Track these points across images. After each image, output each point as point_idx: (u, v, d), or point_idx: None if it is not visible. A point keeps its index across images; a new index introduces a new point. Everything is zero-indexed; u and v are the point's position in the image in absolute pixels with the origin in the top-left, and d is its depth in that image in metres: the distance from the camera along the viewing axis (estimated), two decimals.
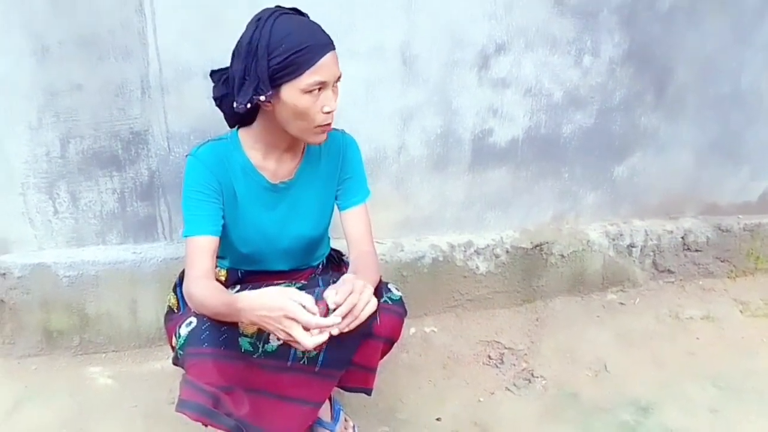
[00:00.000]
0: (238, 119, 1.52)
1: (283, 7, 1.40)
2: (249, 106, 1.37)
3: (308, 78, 1.33)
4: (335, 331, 1.28)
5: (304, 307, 1.26)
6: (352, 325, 1.30)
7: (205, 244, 1.46)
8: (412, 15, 2.01)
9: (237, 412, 1.40)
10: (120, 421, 1.87)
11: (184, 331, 1.42)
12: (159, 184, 2.01)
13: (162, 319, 2.04)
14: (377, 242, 2.28)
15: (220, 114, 1.60)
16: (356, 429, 1.84)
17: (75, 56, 1.80)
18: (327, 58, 1.35)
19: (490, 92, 2.21)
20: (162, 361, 2.10)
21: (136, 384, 2.01)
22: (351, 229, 1.63)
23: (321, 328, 1.26)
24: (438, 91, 2.15)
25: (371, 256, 1.60)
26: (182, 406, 1.35)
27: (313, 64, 1.33)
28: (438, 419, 1.94)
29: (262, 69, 1.33)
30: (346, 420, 1.84)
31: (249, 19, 1.40)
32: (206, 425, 1.38)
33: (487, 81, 2.19)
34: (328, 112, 1.39)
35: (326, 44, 1.36)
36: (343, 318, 1.28)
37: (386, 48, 2.03)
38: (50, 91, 1.83)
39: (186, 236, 1.47)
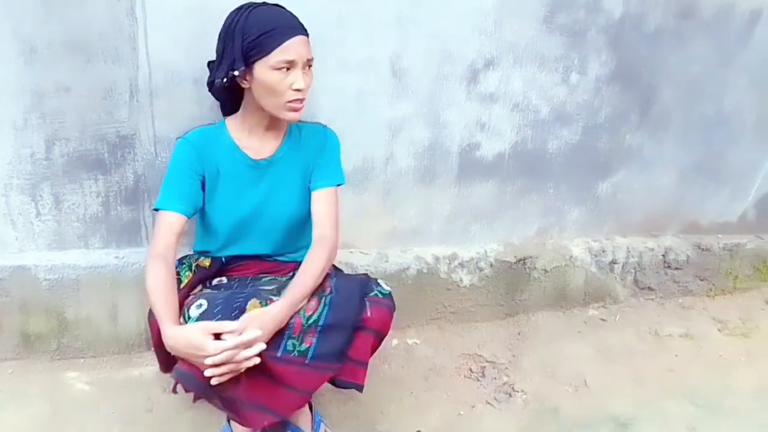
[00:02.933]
0: (229, 105, 1.67)
1: (268, 3, 1.56)
2: (225, 80, 1.54)
3: (277, 56, 1.49)
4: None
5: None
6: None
7: (172, 221, 1.59)
8: (403, 28, 2.02)
9: (233, 390, 1.46)
10: (96, 427, 1.84)
11: (194, 312, 1.47)
12: (144, 189, 1.99)
13: (143, 325, 2.04)
14: (362, 252, 2.29)
15: (209, 119, 1.64)
16: None
17: (63, 58, 1.78)
18: (295, 40, 1.51)
19: (478, 106, 2.23)
20: (141, 368, 2.08)
21: (113, 390, 1.98)
22: (315, 210, 1.71)
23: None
24: (427, 104, 2.16)
25: (326, 241, 1.65)
26: (180, 375, 1.46)
27: (281, 44, 1.49)
28: (418, 431, 1.94)
29: (237, 48, 1.50)
30: (326, 431, 1.83)
31: None
32: (196, 399, 1.49)
33: (476, 95, 2.21)
34: (297, 89, 1.54)
35: (295, 27, 1.52)
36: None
37: (377, 60, 2.04)
38: (37, 92, 1.81)
39: (156, 208, 1.60)
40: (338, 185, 1.75)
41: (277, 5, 1.57)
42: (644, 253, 2.68)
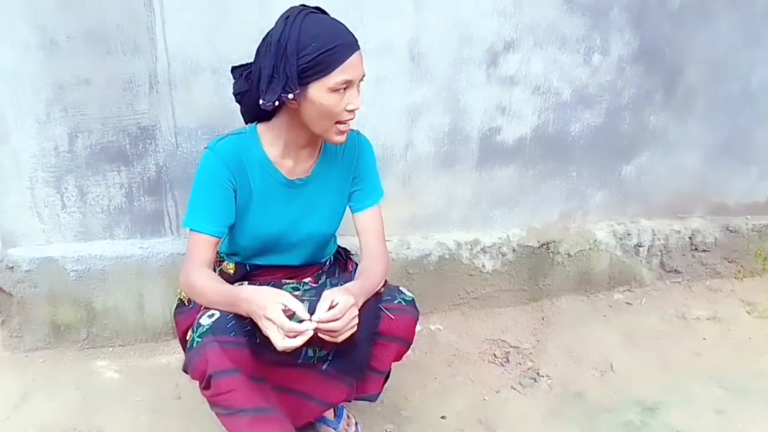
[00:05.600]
0: (256, 116, 1.53)
1: (309, 6, 1.42)
2: (276, 103, 1.40)
3: (336, 77, 1.37)
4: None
5: (284, 310, 1.32)
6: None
7: (205, 243, 1.50)
8: (420, 11, 2.01)
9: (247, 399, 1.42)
10: (126, 414, 1.87)
11: (206, 321, 1.41)
12: (166, 180, 2.01)
13: (168, 314, 2.06)
14: None
15: (228, 109, 1.61)
16: (359, 427, 1.84)
17: (83, 50, 1.81)
18: (354, 58, 1.39)
19: (498, 90, 2.21)
20: (168, 356, 2.11)
21: (142, 378, 2.02)
22: (363, 230, 1.65)
23: (294, 333, 1.31)
24: (446, 89, 2.14)
25: (380, 257, 1.62)
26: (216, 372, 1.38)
27: (341, 63, 1.36)
28: (443, 417, 1.94)
29: (291, 67, 1.35)
30: (348, 417, 1.84)
31: (258, 15, 1.43)
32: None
33: (496, 79, 2.18)
34: (352, 110, 1.43)
35: (353, 44, 1.40)
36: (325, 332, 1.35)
37: (394, 45, 2.03)
38: (58, 85, 1.83)
39: (187, 227, 1.50)
40: (381, 199, 1.68)
41: (322, 11, 1.44)
42: (670, 235, 2.63)
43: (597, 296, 2.60)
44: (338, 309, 1.34)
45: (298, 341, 1.31)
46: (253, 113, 1.52)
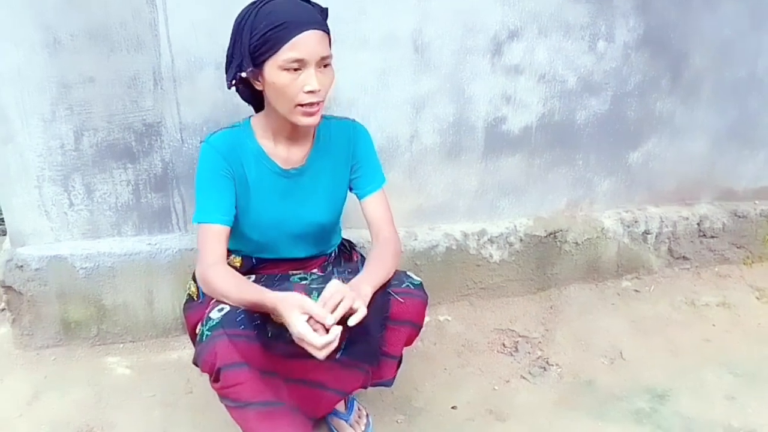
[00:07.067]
0: (255, 106, 1.56)
1: None
2: (233, 82, 1.44)
3: (284, 54, 1.35)
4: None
5: (310, 317, 1.32)
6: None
7: (217, 233, 1.50)
8: (423, 2, 2.00)
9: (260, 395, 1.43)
10: (138, 410, 1.89)
11: (216, 315, 1.42)
12: (173, 176, 2.02)
13: (178, 309, 2.07)
14: None
15: (233, 104, 1.62)
16: (369, 418, 1.85)
17: (87, 49, 1.80)
18: (305, 36, 1.36)
19: (503, 79, 2.19)
20: (179, 351, 2.12)
21: (153, 374, 2.03)
22: (371, 216, 1.65)
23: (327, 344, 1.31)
24: (450, 79, 2.13)
25: (390, 242, 1.61)
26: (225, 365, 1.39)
27: (289, 41, 1.35)
28: (453, 407, 1.95)
29: (245, 46, 1.38)
30: (359, 409, 1.85)
31: None
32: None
33: (500, 68, 2.17)
34: (310, 92, 1.39)
35: (306, 22, 1.37)
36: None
37: (398, 36, 2.02)
38: (63, 83, 1.83)
39: (198, 222, 1.51)
40: (383, 185, 1.67)
41: None
42: (678, 222, 2.63)
43: (605, 284, 2.60)
44: (335, 298, 1.35)
45: (334, 344, 1.32)
46: (252, 105, 1.56)
